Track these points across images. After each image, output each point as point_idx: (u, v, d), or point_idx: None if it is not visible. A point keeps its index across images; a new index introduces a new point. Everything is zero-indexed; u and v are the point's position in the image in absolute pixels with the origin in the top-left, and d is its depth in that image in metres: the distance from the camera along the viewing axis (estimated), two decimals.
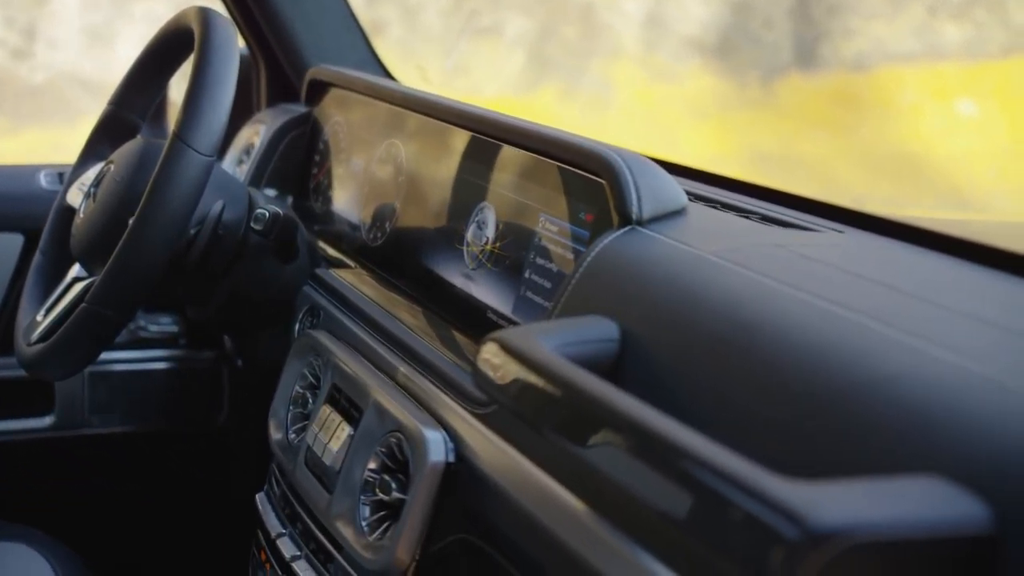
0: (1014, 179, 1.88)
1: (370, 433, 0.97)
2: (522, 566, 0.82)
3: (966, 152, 2.27)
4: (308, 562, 1.03)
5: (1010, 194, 1.77)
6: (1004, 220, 1.39)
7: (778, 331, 0.67)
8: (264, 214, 1.20)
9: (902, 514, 0.50)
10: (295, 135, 1.44)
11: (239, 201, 1.21)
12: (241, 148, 1.53)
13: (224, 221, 1.18)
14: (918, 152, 2.59)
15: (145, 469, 1.53)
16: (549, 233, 0.95)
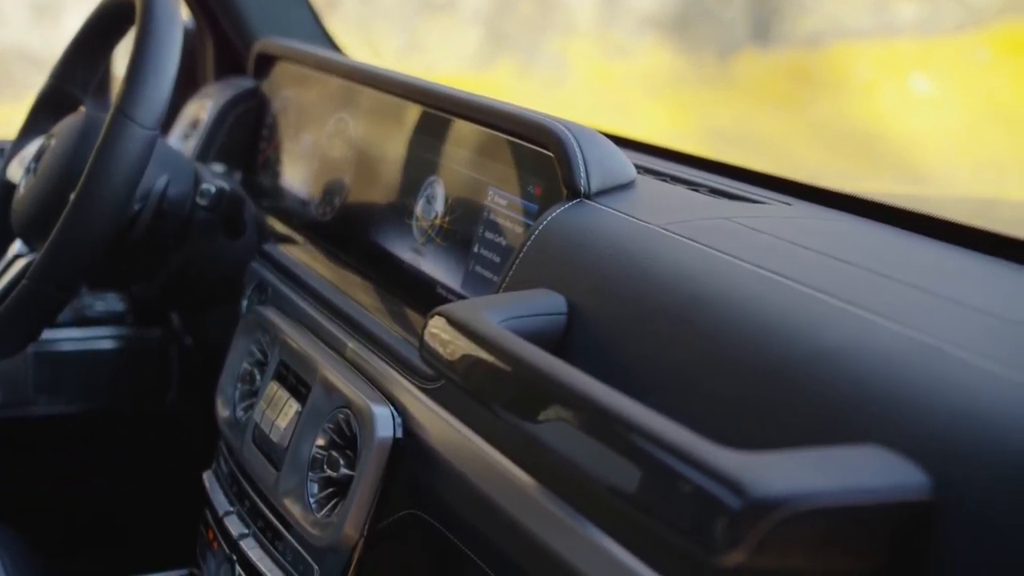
0: (967, 154, 1.89)
1: (318, 410, 0.96)
2: (471, 541, 0.81)
3: (920, 128, 2.28)
4: (256, 540, 1.02)
5: (963, 169, 1.78)
6: (953, 194, 1.40)
7: (725, 303, 0.67)
8: (210, 189, 1.18)
9: (843, 483, 0.50)
10: (243, 109, 1.42)
11: (184, 176, 1.19)
12: (187, 123, 1.50)
13: (169, 197, 1.16)
14: (873, 128, 2.60)
15: (92, 450, 1.50)
16: (498, 207, 0.94)
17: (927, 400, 0.53)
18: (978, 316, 0.62)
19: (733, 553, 0.48)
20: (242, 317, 1.17)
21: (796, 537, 0.49)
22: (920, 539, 0.50)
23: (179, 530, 1.26)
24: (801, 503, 0.48)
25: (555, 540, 0.72)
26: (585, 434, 0.58)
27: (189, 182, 1.19)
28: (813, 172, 1.66)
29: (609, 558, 0.67)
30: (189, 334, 1.45)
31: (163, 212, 1.16)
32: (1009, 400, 0.51)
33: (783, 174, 1.07)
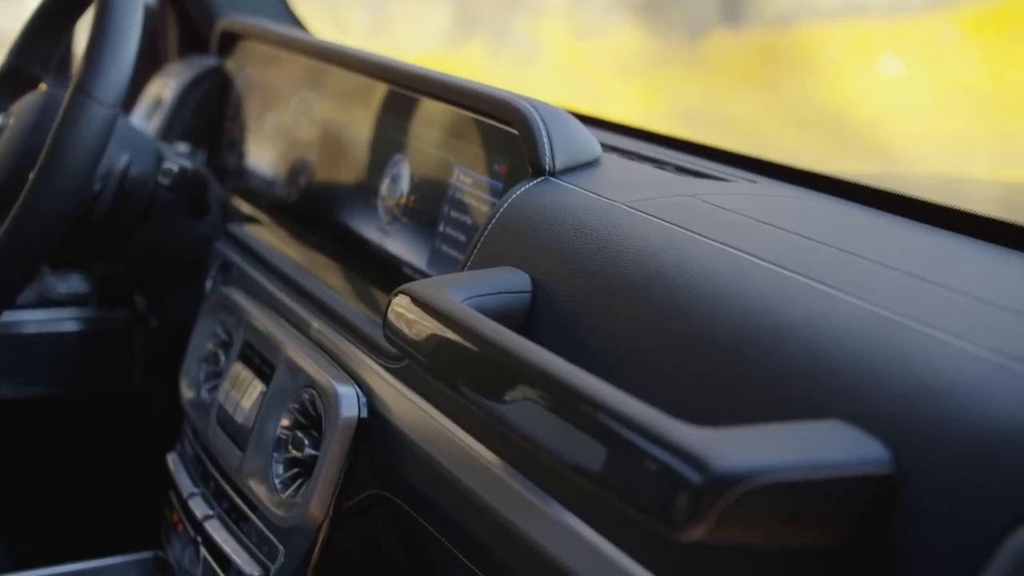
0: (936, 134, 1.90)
1: (282, 390, 0.96)
2: (436, 520, 0.81)
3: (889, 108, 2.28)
4: (221, 521, 1.01)
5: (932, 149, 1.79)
6: (921, 172, 1.40)
7: (688, 280, 0.67)
8: (172, 169, 1.16)
9: (804, 457, 0.50)
10: (206, 88, 1.41)
11: (146, 155, 1.18)
12: (150, 102, 1.49)
13: (131, 176, 1.15)
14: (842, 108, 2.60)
15: (56, 433, 1.49)
16: (463, 185, 0.94)
17: (889, 374, 0.53)
18: (941, 292, 0.62)
19: (695, 528, 0.48)
20: (206, 298, 1.16)
21: (758, 512, 0.49)
22: (882, 513, 0.50)
23: (144, 513, 1.26)
24: (762, 478, 0.48)
25: (520, 519, 0.71)
26: (547, 412, 0.58)
27: (151, 161, 1.18)
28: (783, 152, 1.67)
29: (573, 536, 0.67)
30: (154, 315, 1.44)
31: (125, 191, 1.14)
32: (970, 374, 0.51)
33: (745, 151, 1.07)
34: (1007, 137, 1.27)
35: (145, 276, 1.29)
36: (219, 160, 1.38)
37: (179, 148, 1.38)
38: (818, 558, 0.53)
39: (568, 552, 0.67)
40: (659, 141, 1.16)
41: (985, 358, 0.52)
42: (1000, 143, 1.29)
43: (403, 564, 0.89)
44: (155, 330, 1.44)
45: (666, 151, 1.05)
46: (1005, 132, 1.28)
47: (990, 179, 1.31)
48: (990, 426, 0.48)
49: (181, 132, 1.40)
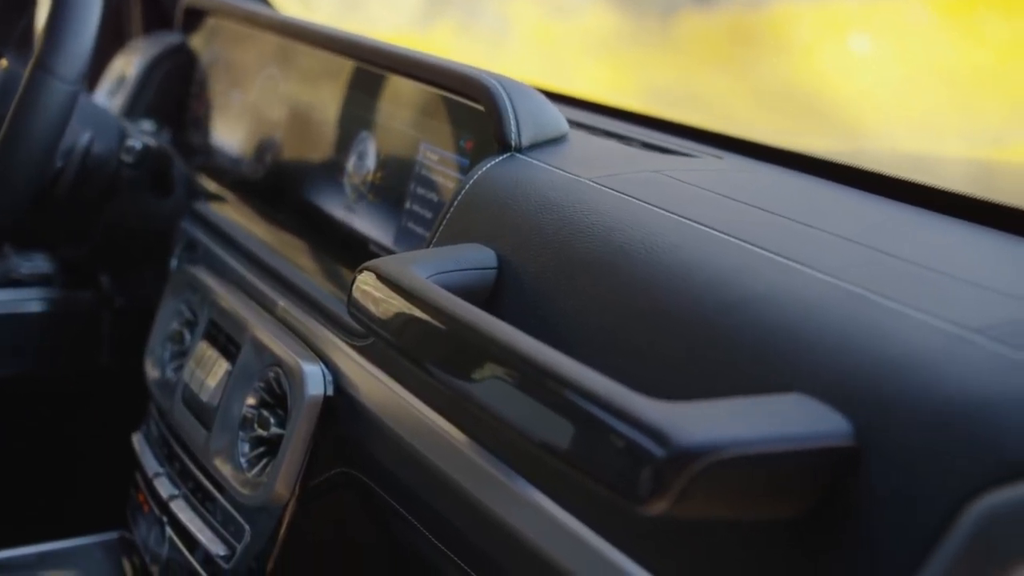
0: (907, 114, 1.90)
1: (248, 368, 0.95)
2: (402, 498, 0.81)
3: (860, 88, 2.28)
4: (186, 501, 1.01)
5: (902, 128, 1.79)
6: (889, 150, 1.41)
7: (652, 254, 0.67)
8: (135, 146, 1.15)
9: (766, 430, 0.50)
10: (171, 65, 1.39)
11: (109, 133, 1.16)
12: (114, 79, 1.47)
13: (93, 154, 1.13)
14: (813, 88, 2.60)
15: (20, 414, 1.47)
16: (430, 162, 0.93)
17: (850, 347, 0.54)
18: (903, 265, 0.62)
19: (657, 502, 0.48)
20: (171, 276, 1.15)
21: (720, 485, 0.49)
22: (843, 485, 0.51)
23: (110, 493, 1.25)
24: (724, 451, 0.48)
25: (486, 496, 0.71)
26: (511, 387, 0.58)
27: (114, 139, 1.16)
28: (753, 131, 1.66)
29: (540, 513, 0.66)
30: (120, 295, 1.43)
31: (87, 169, 1.13)
32: (931, 346, 0.51)
33: (712, 127, 1.07)
34: (977, 117, 1.27)
35: (110, 255, 1.28)
36: (184, 138, 1.36)
37: (144, 126, 1.36)
38: (780, 531, 0.53)
39: (534, 529, 0.67)
40: (627, 118, 1.15)
41: (946, 330, 0.52)
42: (970, 123, 1.29)
43: (370, 542, 0.89)
44: (121, 310, 1.43)
45: (633, 127, 1.05)
46: (975, 112, 1.28)
47: (959, 158, 1.32)
48: (950, 398, 0.48)
49: (146, 110, 1.39)
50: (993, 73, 1.33)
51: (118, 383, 1.43)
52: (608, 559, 0.61)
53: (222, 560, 0.94)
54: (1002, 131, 1.24)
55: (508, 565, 0.70)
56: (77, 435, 1.49)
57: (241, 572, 0.93)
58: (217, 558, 0.95)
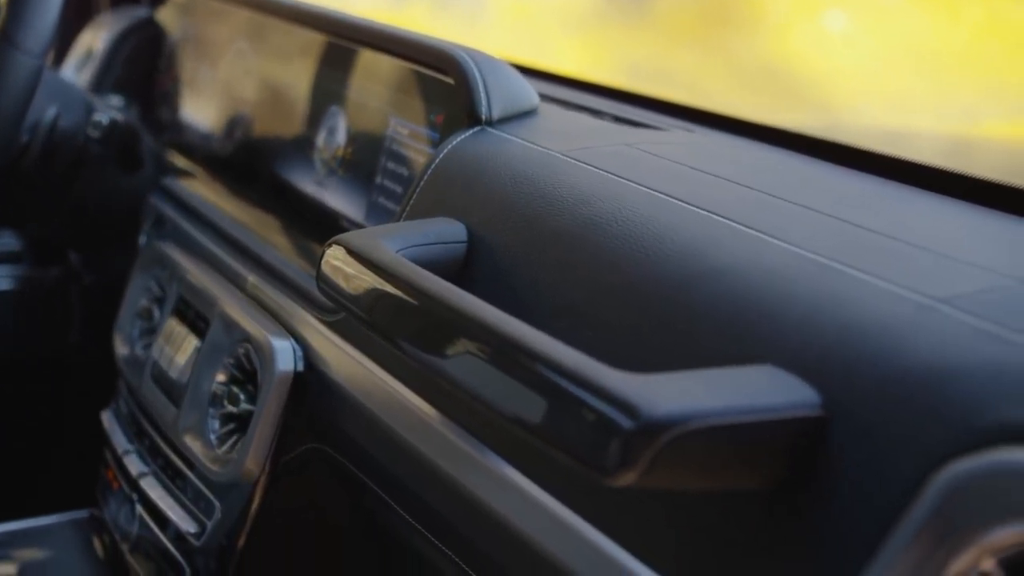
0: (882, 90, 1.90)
1: (217, 344, 0.94)
2: (374, 474, 0.81)
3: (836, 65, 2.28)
4: (156, 478, 1.00)
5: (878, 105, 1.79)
6: (863, 125, 1.41)
7: (622, 227, 0.66)
8: (102, 121, 1.14)
9: (734, 401, 0.50)
10: (138, 39, 1.37)
11: (76, 108, 1.15)
12: (82, 53, 1.45)
13: (60, 128, 1.12)
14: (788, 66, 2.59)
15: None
16: (400, 136, 0.92)
17: (818, 317, 0.53)
18: (871, 236, 0.62)
19: (626, 474, 0.48)
20: (140, 252, 1.14)
21: (688, 456, 0.49)
22: (812, 455, 0.51)
23: (80, 472, 1.24)
24: (692, 423, 0.48)
25: (458, 471, 0.71)
26: (479, 360, 0.57)
27: (81, 114, 1.15)
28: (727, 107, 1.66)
29: (511, 487, 0.66)
30: (89, 272, 1.41)
31: (54, 144, 1.12)
32: (898, 316, 0.51)
33: (683, 100, 1.06)
34: (951, 94, 1.27)
35: (79, 232, 1.26)
36: (153, 113, 1.35)
37: (112, 101, 1.34)
38: (748, 502, 0.53)
39: (505, 503, 0.67)
40: (599, 92, 1.15)
41: (913, 300, 0.52)
42: (944, 100, 1.29)
43: (341, 518, 0.89)
44: (90, 287, 1.42)
45: (605, 101, 1.05)
46: (949, 89, 1.29)
47: (933, 133, 1.32)
48: (917, 368, 0.48)
49: (114, 85, 1.37)
50: (967, 50, 1.33)
51: (88, 361, 1.42)
52: (577, 531, 0.61)
53: (192, 537, 0.94)
54: (976, 108, 1.24)
55: (480, 539, 0.69)
56: (46, 413, 1.48)
57: (212, 549, 0.92)
58: (187, 535, 0.94)
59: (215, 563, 0.92)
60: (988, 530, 0.42)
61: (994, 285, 0.54)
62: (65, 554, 1.12)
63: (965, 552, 0.43)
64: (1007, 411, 0.44)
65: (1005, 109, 1.21)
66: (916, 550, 0.45)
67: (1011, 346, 0.47)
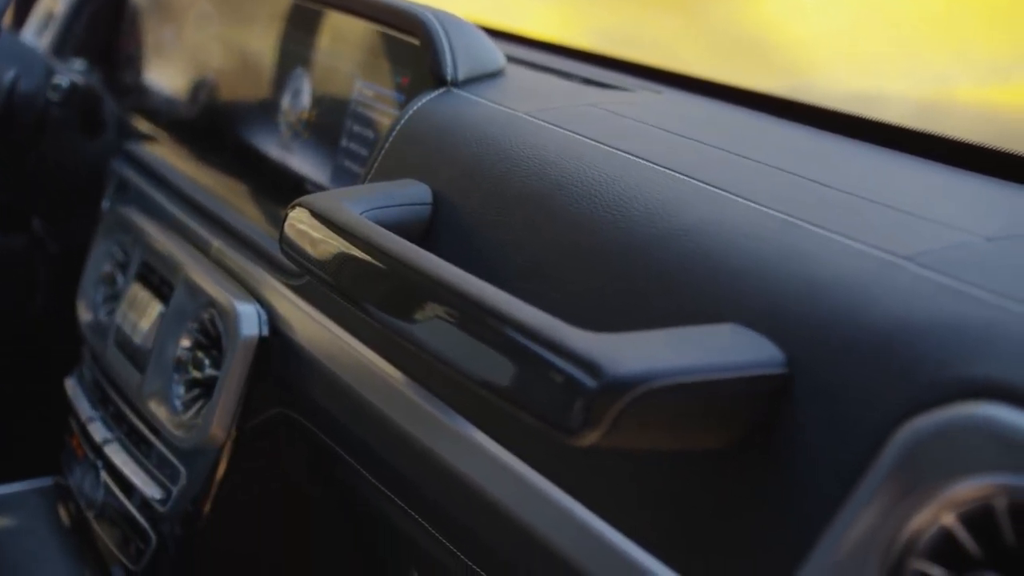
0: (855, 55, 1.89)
1: (181, 310, 0.93)
2: (340, 438, 0.80)
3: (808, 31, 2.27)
4: (121, 445, 0.99)
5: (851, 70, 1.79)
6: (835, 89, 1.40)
7: (587, 187, 0.66)
8: (61, 84, 1.12)
9: (698, 360, 0.49)
10: (100, 2, 1.35)
11: (35, 71, 1.13)
12: (42, 17, 1.42)
13: (19, 92, 1.10)
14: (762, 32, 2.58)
15: None
16: (365, 99, 0.91)
17: (783, 275, 0.53)
18: (837, 194, 0.61)
19: (589, 433, 0.48)
20: (103, 217, 1.13)
21: (653, 415, 0.49)
22: (776, 413, 0.50)
23: (45, 439, 1.23)
24: (656, 381, 0.48)
25: (423, 433, 0.71)
26: (443, 321, 0.57)
27: (40, 77, 1.13)
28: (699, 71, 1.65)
29: (476, 449, 0.66)
30: (53, 239, 1.39)
31: (13, 108, 1.10)
32: (862, 273, 0.51)
33: (651, 62, 1.05)
34: (923, 58, 1.27)
35: (42, 199, 1.24)
36: (115, 77, 1.33)
37: (74, 65, 1.32)
38: (713, 460, 0.53)
39: (472, 466, 0.66)
40: (567, 54, 1.14)
41: (878, 257, 0.52)
42: (915, 64, 1.29)
43: (308, 483, 0.88)
44: (55, 254, 1.40)
45: (573, 63, 1.04)
46: (921, 53, 1.28)
47: (903, 96, 1.32)
48: (880, 324, 0.48)
49: (75, 48, 1.35)
50: (939, 15, 1.32)
51: (52, 328, 1.41)
52: (543, 493, 0.61)
53: (158, 504, 0.93)
54: (947, 72, 1.24)
55: (446, 502, 0.69)
56: (10, 381, 1.46)
57: (178, 515, 0.92)
58: (153, 502, 0.93)
59: (181, 529, 0.92)
60: (948, 485, 0.42)
61: (959, 242, 0.54)
62: (30, 522, 1.11)
63: (926, 507, 0.43)
64: (969, 367, 0.44)
65: (976, 73, 1.21)
66: (877, 506, 0.45)
67: (974, 302, 0.47)
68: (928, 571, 0.43)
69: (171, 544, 0.93)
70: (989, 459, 0.41)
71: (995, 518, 0.41)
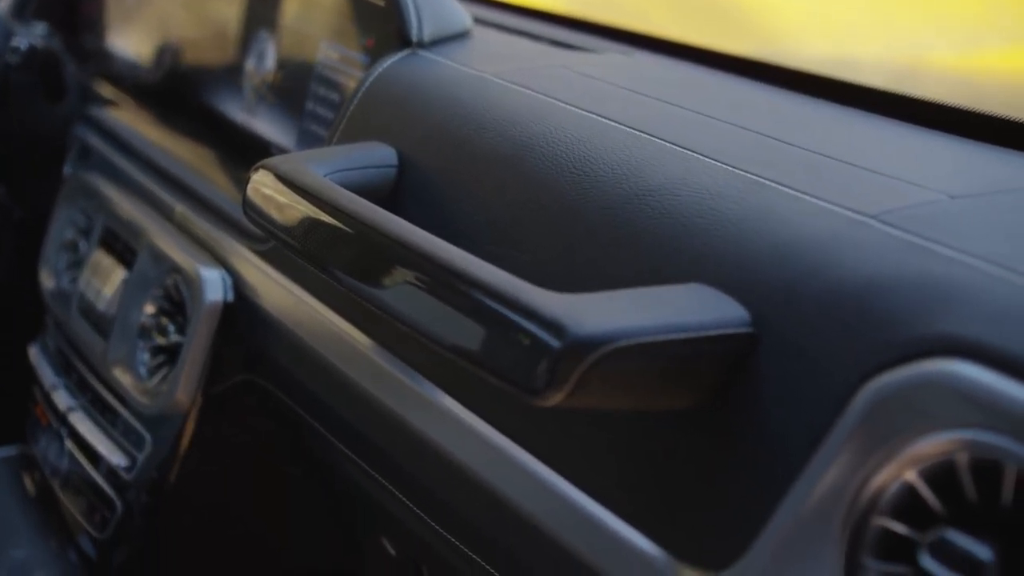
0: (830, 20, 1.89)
1: (145, 276, 0.92)
2: (306, 403, 0.80)
3: None
4: (85, 412, 0.98)
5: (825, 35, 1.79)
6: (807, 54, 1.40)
7: (553, 148, 0.65)
8: (20, 47, 1.10)
9: (663, 320, 0.49)
10: None
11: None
12: None
13: None
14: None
15: None
16: (330, 61, 0.90)
17: (749, 234, 0.53)
18: (803, 153, 0.61)
19: (554, 393, 0.47)
20: (65, 183, 1.11)
21: (617, 375, 0.48)
22: (742, 372, 0.50)
23: (9, 408, 1.21)
24: (620, 341, 0.47)
25: (390, 398, 0.70)
26: (407, 283, 0.56)
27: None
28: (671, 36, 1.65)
29: (443, 413, 0.66)
30: (16, 206, 1.37)
31: None
32: (828, 231, 0.51)
33: (620, 24, 1.04)
34: (898, 24, 1.27)
35: (3, 165, 1.22)
36: (77, 41, 1.30)
37: (35, 28, 1.30)
38: (678, 421, 0.52)
39: (439, 430, 0.66)
40: (536, 16, 1.13)
41: (843, 215, 0.52)
42: (890, 30, 1.29)
43: (274, 449, 0.88)
44: (17, 221, 1.38)
45: (541, 25, 1.03)
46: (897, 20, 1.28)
47: (878, 61, 1.31)
48: (844, 282, 0.48)
49: (36, 11, 1.32)
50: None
51: (15, 295, 1.39)
52: (509, 456, 0.61)
53: (124, 471, 0.92)
54: (922, 39, 1.24)
55: (413, 467, 0.69)
56: None
57: (143, 483, 0.91)
58: (118, 469, 0.92)
59: (147, 497, 0.91)
60: (911, 442, 0.42)
61: (925, 200, 0.53)
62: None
63: (889, 464, 0.43)
64: (932, 324, 0.44)
65: (950, 40, 1.21)
66: (841, 464, 0.44)
67: (938, 260, 0.47)
68: (891, 527, 0.43)
69: (137, 512, 0.92)
70: (951, 415, 0.41)
71: (957, 474, 0.41)
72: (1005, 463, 0.40)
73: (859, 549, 0.44)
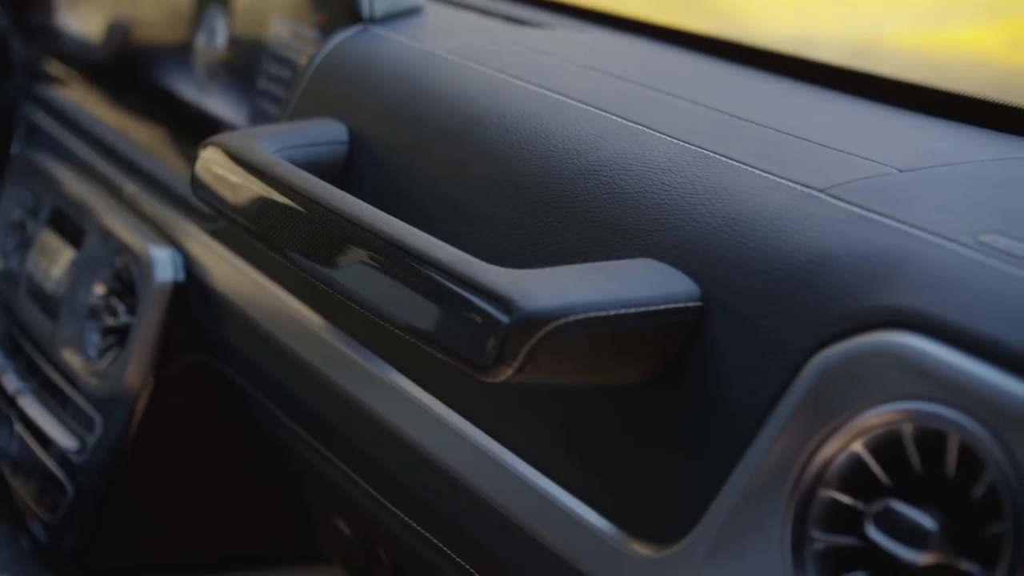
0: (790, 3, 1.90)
1: (94, 256, 0.91)
2: (259, 384, 0.79)
3: None
4: (35, 395, 0.97)
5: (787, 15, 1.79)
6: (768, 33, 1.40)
7: (504, 123, 0.65)
8: None
9: (613, 294, 0.49)
10: None
11: None
12: None
13: None
14: None
15: None
16: (282, 38, 0.89)
17: (699, 208, 0.53)
18: (756, 129, 0.61)
19: (503, 369, 0.47)
20: (11, 163, 1.09)
21: (566, 350, 0.48)
22: (691, 347, 0.50)
23: None
24: (569, 316, 0.47)
25: (343, 378, 0.70)
26: (356, 260, 0.56)
27: None
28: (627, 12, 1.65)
29: (397, 392, 0.65)
30: None
31: None
32: (777, 205, 0.51)
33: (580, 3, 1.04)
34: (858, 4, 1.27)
35: None
36: (25, 19, 1.28)
37: None
38: (627, 396, 0.52)
39: (392, 409, 0.66)
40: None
41: (792, 189, 0.52)
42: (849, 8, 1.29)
43: (227, 429, 0.87)
44: None
45: (496, 2, 1.02)
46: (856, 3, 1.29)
47: (837, 40, 1.31)
48: (793, 255, 0.48)
49: None
50: None
51: None
52: (462, 433, 0.60)
53: (74, 454, 0.91)
54: (881, 17, 1.24)
55: (367, 446, 0.68)
56: None
57: (95, 466, 0.90)
58: (69, 452, 0.91)
59: (98, 480, 0.90)
60: (857, 414, 0.42)
61: (873, 173, 0.53)
62: None
63: (835, 436, 0.43)
64: (878, 296, 0.44)
65: (909, 19, 1.21)
66: (788, 436, 0.44)
67: (885, 232, 0.47)
68: (838, 499, 0.43)
69: (89, 495, 0.91)
70: (895, 386, 0.41)
71: (902, 445, 0.41)
72: (948, 433, 0.40)
73: (806, 521, 0.44)
